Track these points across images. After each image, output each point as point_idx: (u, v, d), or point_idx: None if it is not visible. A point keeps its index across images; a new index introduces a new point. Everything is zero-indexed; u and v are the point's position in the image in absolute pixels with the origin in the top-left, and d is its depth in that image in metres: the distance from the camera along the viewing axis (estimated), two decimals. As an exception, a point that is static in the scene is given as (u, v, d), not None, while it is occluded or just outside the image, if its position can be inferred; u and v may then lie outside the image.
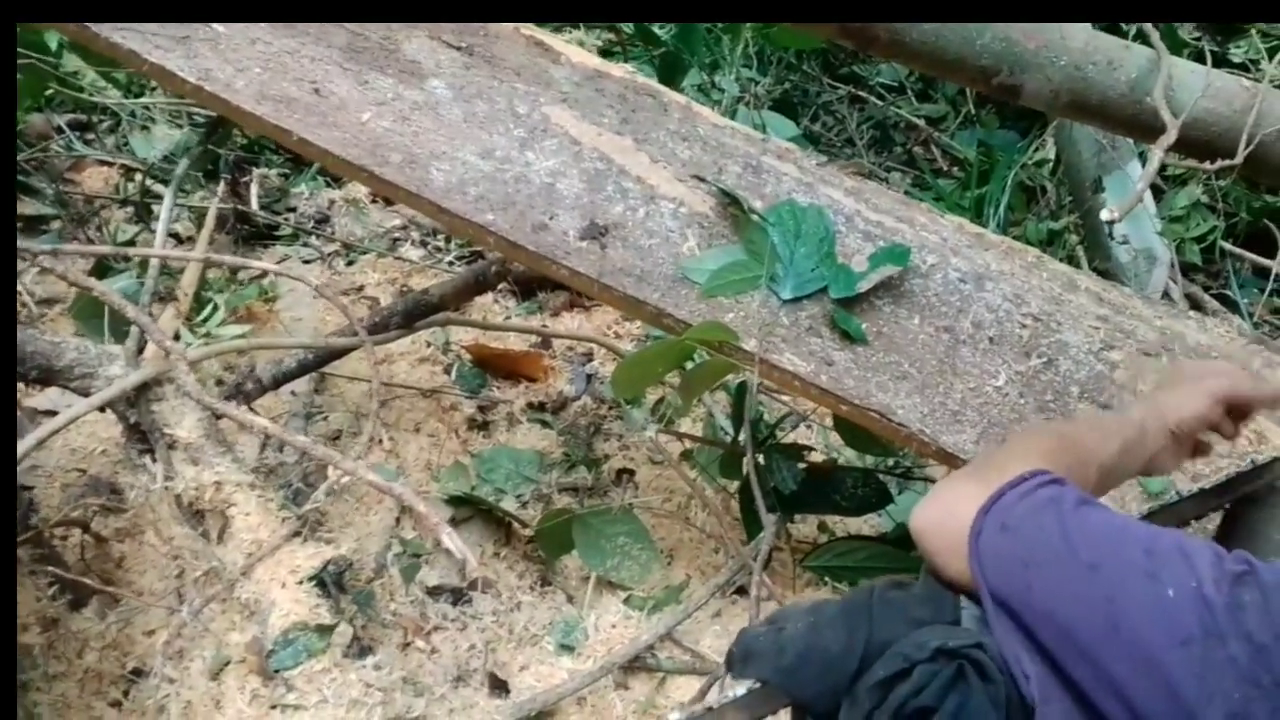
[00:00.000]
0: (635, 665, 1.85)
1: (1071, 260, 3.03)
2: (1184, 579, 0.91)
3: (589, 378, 2.56)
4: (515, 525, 2.12)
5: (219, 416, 1.56)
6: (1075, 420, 1.40)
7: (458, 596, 1.94)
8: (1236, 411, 1.27)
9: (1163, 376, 1.41)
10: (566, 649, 1.88)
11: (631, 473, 2.31)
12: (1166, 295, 2.68)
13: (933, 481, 2.15)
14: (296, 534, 1.51)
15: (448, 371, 2.49)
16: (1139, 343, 1.78)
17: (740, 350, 1.64)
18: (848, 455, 2.39)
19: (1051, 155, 3.34)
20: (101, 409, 1.53)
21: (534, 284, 2.78)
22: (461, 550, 1.42)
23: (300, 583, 1.47)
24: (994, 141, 3.44)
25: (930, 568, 1.08)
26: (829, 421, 2.42)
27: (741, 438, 1.94)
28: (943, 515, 1.07)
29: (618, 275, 1.66)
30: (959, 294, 1.75)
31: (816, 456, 2.43)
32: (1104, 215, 1.60)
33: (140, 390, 1.52)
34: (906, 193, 3.31)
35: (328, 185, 3.11)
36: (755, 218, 1.73)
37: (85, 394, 1.54)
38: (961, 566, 1.04)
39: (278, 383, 1.98)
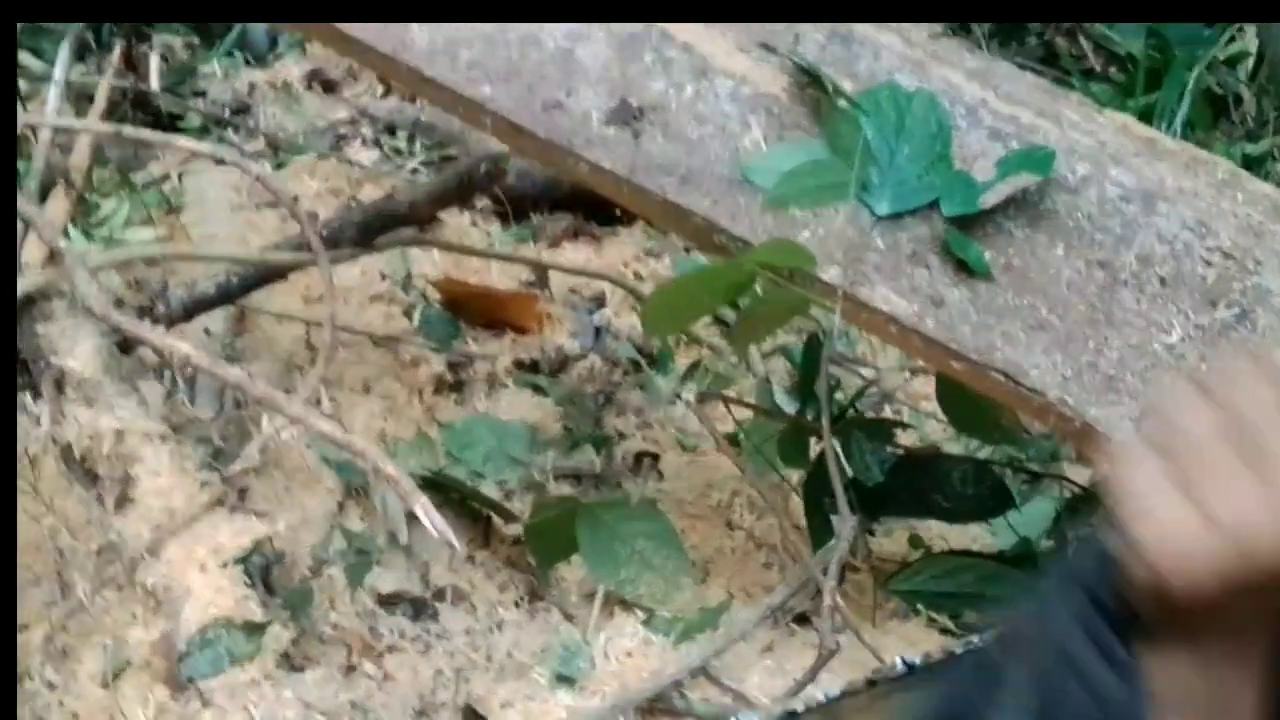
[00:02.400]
0: (658, 707, 1.89)
1: (1276, 196, 3.08)
2: None
3: (599, 330, 2.60)
4: (497, 520, 2.16)
5: (127, 346, 1.61)
6: None
7: (419, 608, 1.98)
8: None
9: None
10: (565, 681, 1.93)
11: (655, 457, 2.35)
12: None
13: (1072, 483, 2.19)
14: (219, 503, 1.57)
15: (409, 315, 2.53)
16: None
17: (818, 281, 1.68)
18: (950, 447, 2.44)
19: (1253, 51, 3.38)
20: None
21: (528, 203, 2.83)
22: (442, 529, 1.47)
23: (224, 566, 1.52)
24: (1170, 32, 3.46)
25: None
26: (924, 404, 2.47)
27: (809, 410, 1.99)
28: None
29: (655, 174, 1.70)
30: (1120, 217, 1.79)
31: (905, 438, 2.49)
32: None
33: (23, 306, 1.57)
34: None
35: (248, 64, 3.16)
36: (843, 104, 1.77)
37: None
38: None
39: (189, 313, 2.04)
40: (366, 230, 2.08)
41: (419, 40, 1.72)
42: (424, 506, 1.44)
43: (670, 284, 1.75)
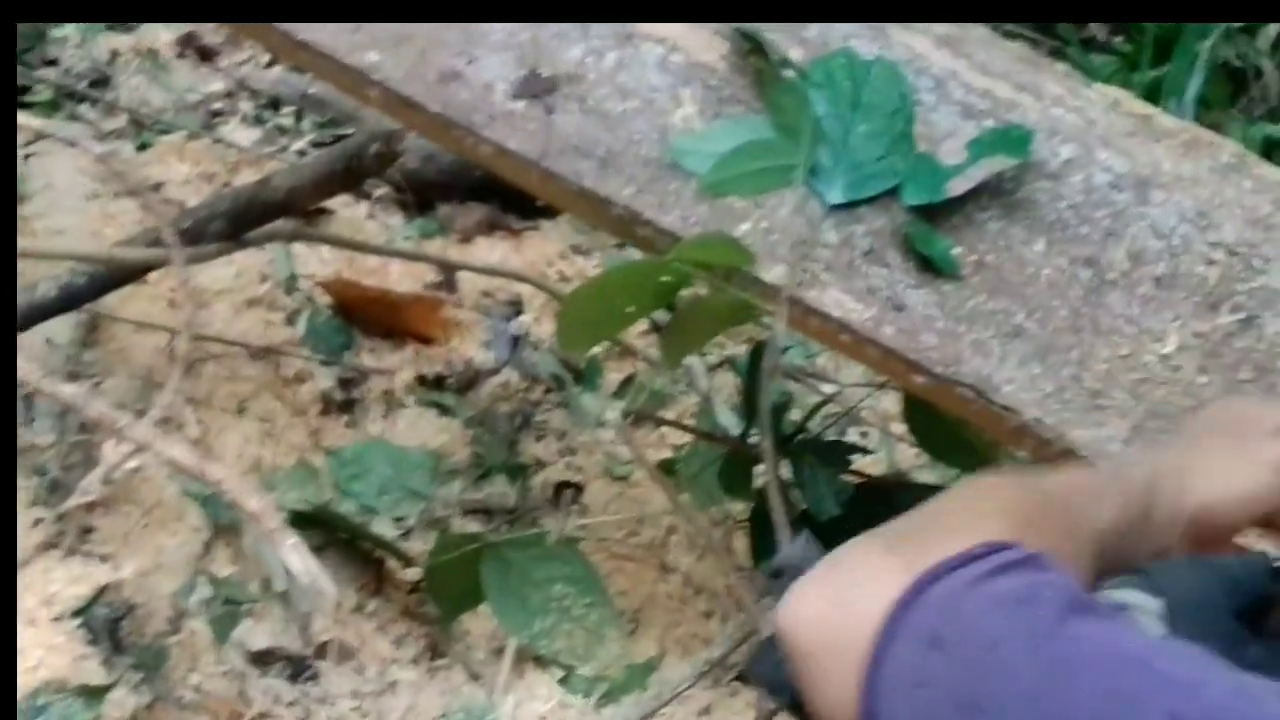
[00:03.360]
0: (576, 781, 1.89)
1: (1302, 184, 3.09)
2: None
3: (515, 340, 2.60)
4: (392, 563, 2.15)
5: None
6: (1055, 474, 1.38)
7: (298, 668, 1.97)
8: None
9: (1208, 419, 1.39)
10: (469, 751, 1.93)
11: (579, 488, 2.35)
12: None
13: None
14: (53, 544, 1.55)
15: (292, 321, 2.52)
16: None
17: (760, 282, 1.68)
18: (924, 476, 2.45)
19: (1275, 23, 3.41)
20: None
21: (433, 192, 2.82)
22: (316, 575, 1.45)
23: (58, 619, 1.50)
24: (1184, -4, 3.50)
25: (794, 692, 1.01)
26: (895, 424, 2.47)
27: (755, 432, 1.98)
28: (829, 605, 0.99)
29: (570, 156, 1.69)
30: (1109, 207, 1.79)
31: (873, 465, 2.48)
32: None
33: None
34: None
35: (109, 27, 3.14)
36: (790, 74, 1.77)
37: None
38: (844, 695, 0.96)
39: (28, 320, 2.01)
40: (237, 222, 2.06)
41: (293, -1, 1.70)
42: (294, 547, 1.41)
43: (585, 288, 1.73)
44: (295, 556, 1.42)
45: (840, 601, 0.98)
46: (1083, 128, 1.83)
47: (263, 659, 1.96)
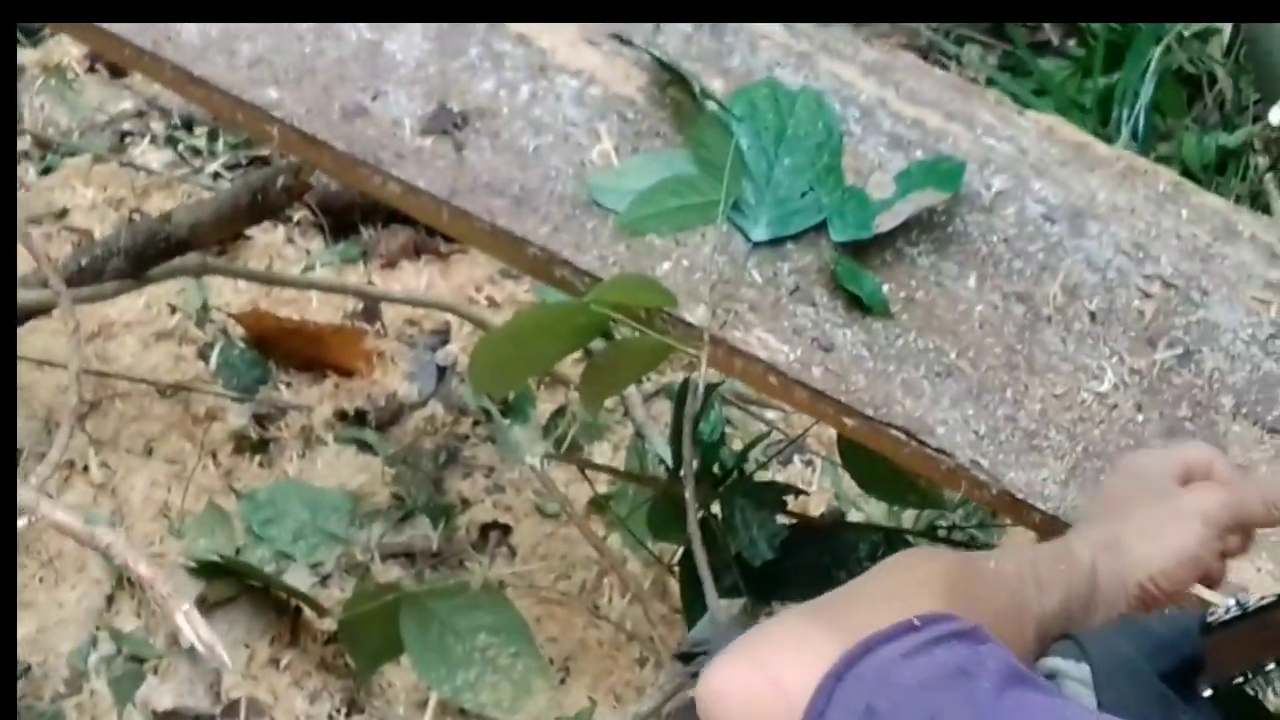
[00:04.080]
0: (499, 843, 1.89)
1: (1257, 198, 3.12)
2: None
3: (442, 370, 2.60)
4: (308, 613, 2.15)
5: None
6: (986, 555, 1.40)
7: (208, 727, 1.97)
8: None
9: (1118, 483, 1.42)
10: (387, 814, 1.93)
11: (506, 529, 2.35)
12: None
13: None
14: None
15: (204, 356, 2.52)
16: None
17: (682, 323, 1.69)
18: (873, 504, 2.46)
19: (1227, 26, 3.43)
20: None
21: (354, 215, 2.82)
22: (210, 644, 1.45)
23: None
24: (1135, 0, 3.53)
25: None
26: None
27: (683, 473, 1.99)
28: (758, 680, 0.99)
29: (481, 194, 1.69)
30: (1043, 240, 1.80)
31: (816, 505, 2.50)
32: (1274, 117, 1.68)
33: None
34: (988, 81, 3.40)
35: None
36: (712, 107, 1.78)
37: None
38: None
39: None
40: (138, 260, 2.05)
41: (188, 31, 1.70)
42: (187, 615, 1.41)
43: (499, 332, 1.74)
44: (189, 626, 1.42)
45: (767, 674, 0.99)
46: (1015, 157, 1.84)
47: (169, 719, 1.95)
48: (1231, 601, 1.38)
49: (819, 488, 2.61)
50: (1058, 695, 1.03)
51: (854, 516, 2.45)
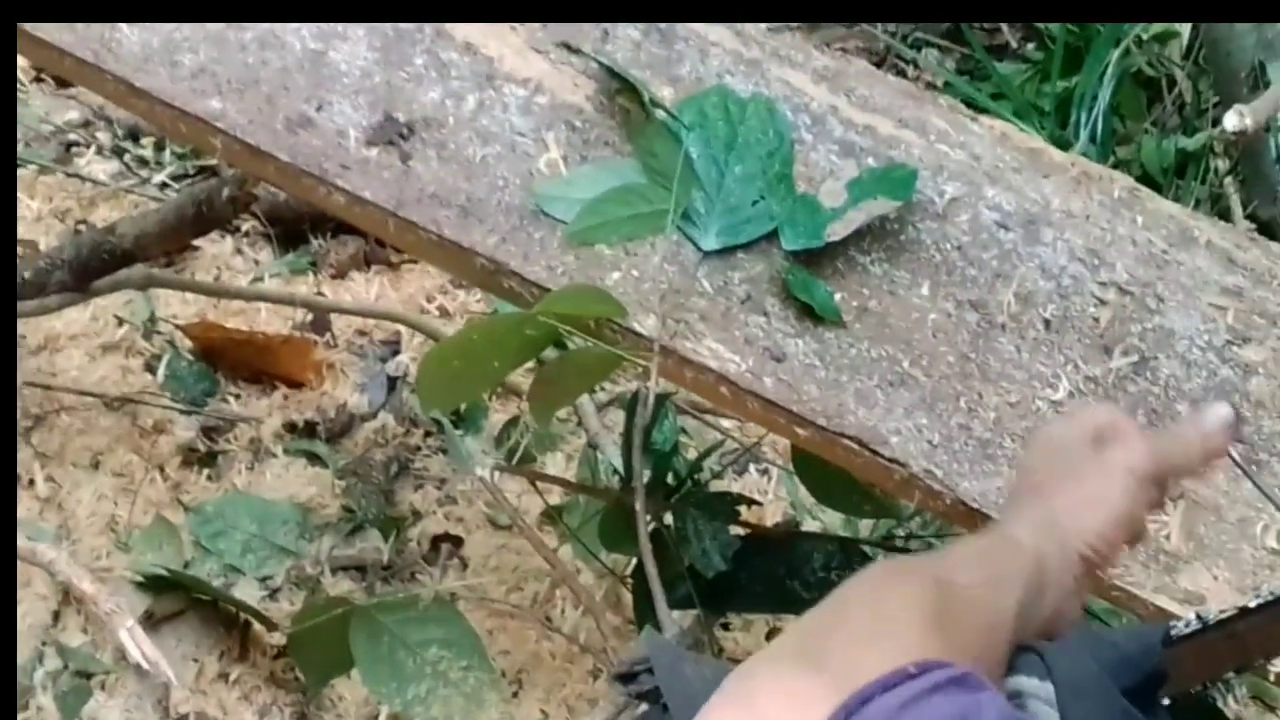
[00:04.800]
0: None
1: (1217, 201, 3.13)
2: None
3: (393, 381, 2.59)
4: (258, 627, 2.14)
5: None
6: (945, 556, 1.40)
7: (155, 744, 1.96)
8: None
9: (1035, 459, 1.44)
10: (337, 830, 1.92)
11: (458, 540, 2.34)
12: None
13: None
14: None
15: (151, 369, 2.50)
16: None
17: (632, 334, 1.68)
18: (829, 514, 2.46)
19: (1186, 29, 3.44)
20: None
21: (303, 224, 2.80)
22: (155, 661, 1.44)
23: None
24: (1092, 1, 3.53)
25: None
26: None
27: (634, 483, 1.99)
28: None
29: (428, 205, 1.68)
30: (997, 248, 1.80)
31: (772, 514, 2.49)
32: (1229, 122, 1.68)
33: None
34: (946, 85, 3.41)
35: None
36: (661, 115, 1.77)
37: None
38: None
39: None
40: (82, 270, 2.04)
41: (129, 41, 1.69)
42: (131, 632, 1.40)
43: (446, 345, 1.73)
44: (133, 642, 1.41)
45: None
46: (968, 165, 1.84)
47: (116, 736, 1.94)
48: (1192, 615, 1.38)
49: (775, 498, 2.60)
50: None
51: (811, 526, 2.44)
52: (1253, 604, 1.38)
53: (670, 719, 1.24)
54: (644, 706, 1.38)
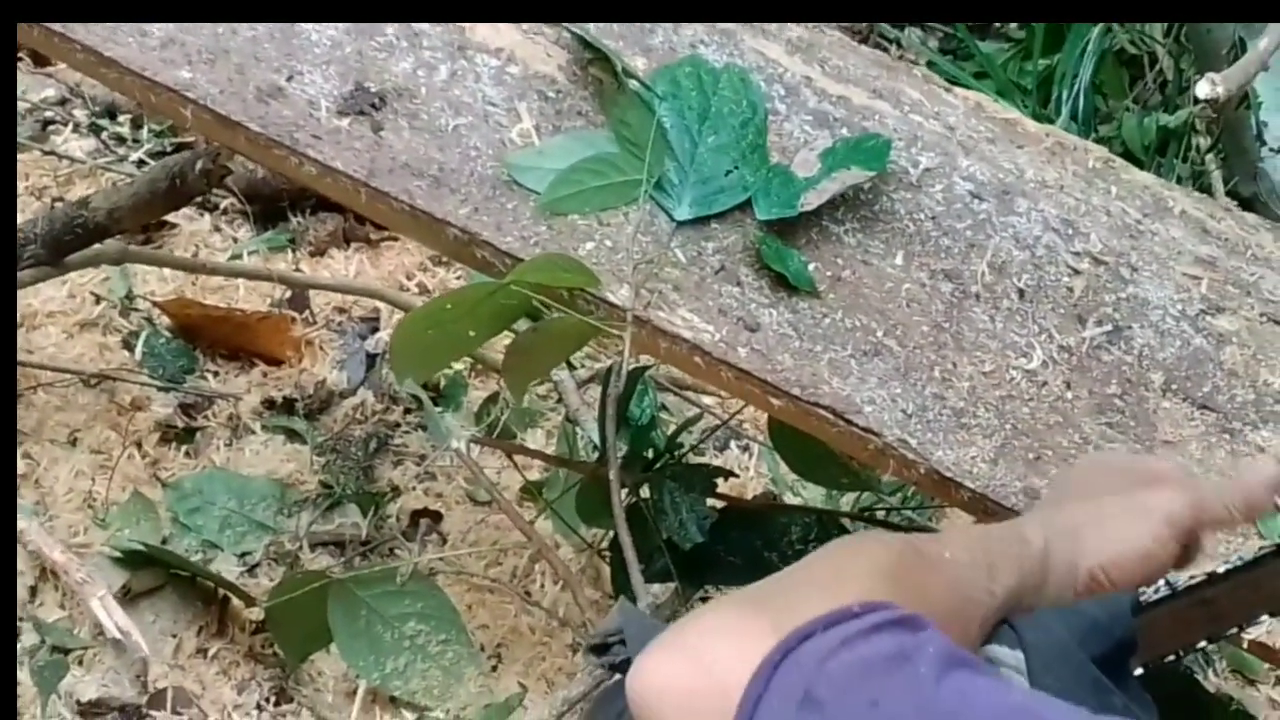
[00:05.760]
0: (428, 831, 1.89)
1: (1199, 177, 3.14)
2: None
3: (372, 358, 2.58)
4: (236, 602, 2.13)
5: None
6: (941, 536, 1.40)
7: (132, 719, 1.95)
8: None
9: (1082, 475, 1.44)
10: (315, 804, 1.92)
11: (437, 516, 2.34)
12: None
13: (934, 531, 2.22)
14: None
15: (129, 346, 2.50)
16: (1268, 303, 1.86)
17: (605, 303, 1.68)
18: (810, 489, 2.46)
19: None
20: None
21: (282, 202, 2.80)
22: (130, 633, 1.44)
23: None
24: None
25: None
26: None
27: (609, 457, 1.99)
28: (690, 670, 0.98)
29: (400, 175, 1.68)
30: (971, 218, 1.81)
31: (753, 490, 2.49)
32: (1201, 90, 1.68)
33: None
34: (930, 64, 3.41)
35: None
36: (634, 85, 1.77)
37: None
38: None
39: None
40: (55, 247, 2.03)
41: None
42: (103, 602, 1.40)
43: (419, 314, 1.73)
44: (105, 612, 1.41)
45: (700, 664, 0.98)
46: (943, 135, 1.85)
47: (93, 710, 1.93)
48: (1161, 582, 1.38)
49: (756, 473, 2.60)
50: (998, 676, 1.02)
51: (791, 501, 2.44)
52: (1222, 569, 1.38)
53: None
54: (618, 676, 1.39)
